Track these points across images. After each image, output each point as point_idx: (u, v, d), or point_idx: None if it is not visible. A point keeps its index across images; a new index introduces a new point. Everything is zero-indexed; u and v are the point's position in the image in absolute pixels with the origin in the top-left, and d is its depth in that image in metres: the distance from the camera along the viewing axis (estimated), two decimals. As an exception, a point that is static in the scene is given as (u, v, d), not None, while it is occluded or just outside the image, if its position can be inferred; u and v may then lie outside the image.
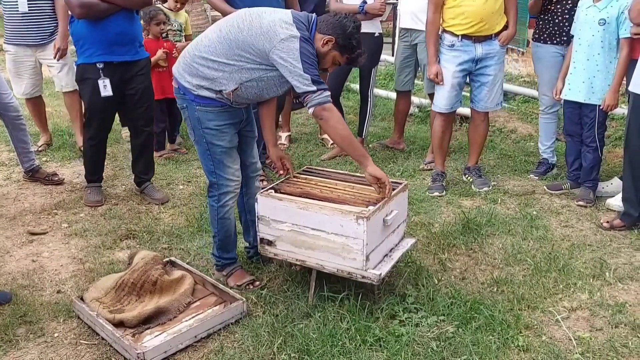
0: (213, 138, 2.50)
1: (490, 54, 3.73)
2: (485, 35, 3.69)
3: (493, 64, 3.76)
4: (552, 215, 3.51)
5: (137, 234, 3.27)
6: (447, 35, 3.76)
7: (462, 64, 3.74)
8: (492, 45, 3.73)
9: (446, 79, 3.79)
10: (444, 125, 3.96)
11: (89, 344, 2.31)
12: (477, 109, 3.94)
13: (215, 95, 2.43)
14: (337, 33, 2.41)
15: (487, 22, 3.66)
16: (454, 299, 2.54)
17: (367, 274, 2.35)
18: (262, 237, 2.58)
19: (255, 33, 2.34)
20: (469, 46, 3.70)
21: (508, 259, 2.96)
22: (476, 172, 4.04)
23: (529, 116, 5.57)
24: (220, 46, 2.38)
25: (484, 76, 3.80)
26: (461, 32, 3.68)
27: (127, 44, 3.42)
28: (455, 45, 3.72)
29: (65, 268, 2.93)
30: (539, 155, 4.32)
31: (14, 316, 2.48)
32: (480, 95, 3.87)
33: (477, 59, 3.74)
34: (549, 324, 2.44)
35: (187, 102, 2.50)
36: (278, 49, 2.30)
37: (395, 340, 2.26)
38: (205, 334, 2.33)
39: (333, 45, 2.42)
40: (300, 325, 2.37)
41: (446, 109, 3.88)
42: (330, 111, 2.37)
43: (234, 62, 2.38)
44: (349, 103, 5.85)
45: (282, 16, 2.38)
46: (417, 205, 3.60)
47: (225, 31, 2.40)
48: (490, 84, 3.81)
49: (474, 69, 3.79)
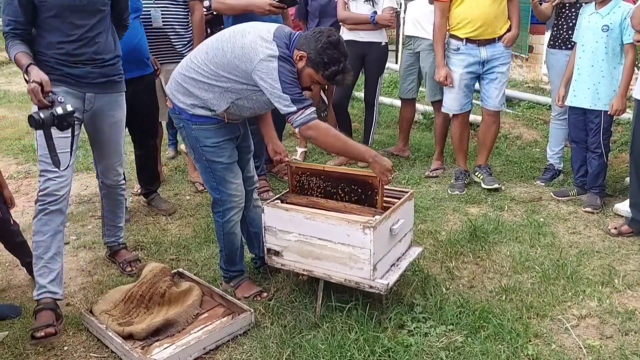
0: (212, 155, 2.49)
1: (496, 55, 3.85)
2: (488, 39, 3.79)
3: (499, 64, 3.88)
4: (560, 222, 3.50)
5: (145, 245, 3.28)
6: (452, 40, 3.89)
7: (468, 66, 3.86)
8: (497, 47, 3.84)
9: (455, 82, 3.91)
10: (460, 126, 4.09)
11: (98, 357, 2.32)
12: (489, 108, 4.02)
13: (211, 113, 2.43)
14: (311, 48, 2.30)
15: (490, 26, 3.77)
16: (462, 308, 2.53)
17: (375, 284, 2.35)
18: (269, 247, 2.58)
19: (237, 54, 2.30)
20: (473, 49, 3.82)
21: (516, 267, 2.95)
22: (486, 170, 4.14)
23: (534, 122, 5.57)
24: (206, 68, 2.37)
25: (492, 74, 3.91)
26: (465, 35, 3.79)
27: (137, 61, 3.40)
28: (460, 49, 3.85)
29: (74, 280, 2.94)
30: (545, 161, 4.32)
31: (24, 329, 2.49)
32: (489, 92, 3.97)
33: (483, 61, 3.86)
34: (559, 332, 2.43)
35: (183, 122, 2.49)
36: (258, 69, 2.26)
37: (404, 350, 2.25)
38: (214, 346, 2.33)
39: (306, 61, 2.32)
40: (309, 336, 2.37)
41: (455, 110, 4.01)
42: (315, 129, 2.32)
43: (222, 84, 2.36)
44: (353, 111, 5.86)
45: (264, 33, 2.32)
46: (424, 213, 3.60)
47: (211, 54, 2.38)
48: (498, 82, 3.92)
49: (482, 71, 3.90)
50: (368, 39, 4.38)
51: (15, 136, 5.54)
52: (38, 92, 2.24)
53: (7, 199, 2.81)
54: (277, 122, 2.84)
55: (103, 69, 2.63)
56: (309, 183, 2.68)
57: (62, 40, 2.50)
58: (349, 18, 4.32)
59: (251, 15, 3.40)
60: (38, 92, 2.24)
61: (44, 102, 2.25)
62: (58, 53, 2.51)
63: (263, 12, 3.43)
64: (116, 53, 2.71)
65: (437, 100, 4.42)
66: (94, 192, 4.05)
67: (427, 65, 4.35)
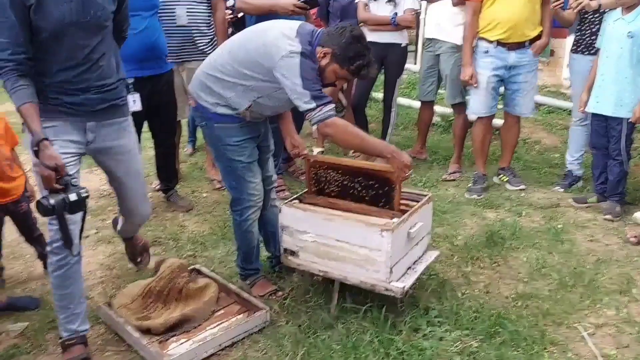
0: (233, 154, 2.51)
1: (522, 63, 3.86)
2: (518, 42, 3.79)
3: (524, 72, 3.89)
4: (578, 229, 3.47)
5: (163, 241, 3.32)
6: (481, 42, 3.89)
7: (496, 69, 3.87)
8: (525, 53, 3.85)
9: (481, 84, 3.91)
10: (484, 129, 4.09)
11: (116, 351, 2.35)
12: (510, 112, 4.06)
13: (233, 112, 2.45)
14: (334, 44, 2.32)
15: (520, 29, 3.77)
16: (478, 313, 2.52)
17: (391, 287, 2.35)
18: (285, 247, 2.60)
19: (260, 52, 2.31)
20: (502, 53, 3.83)
21: (533, 273, 2.93)
22: (511, 172, 4.17)
23: (554, 127, 5.52)
24: (229, 67, 2.39)
25: (515, 84, 3.93)
26: (496, 38, 3.79)
27: (156, 59, 3.44)
28: (489, 51, 3.86)
29: (93, 274, 2.98)
30: (564, 167, 4.28)
31: (43, 321, 2.54)
32: (513, 101, 4.00)
33: (509, 66, 3.86)
34: (575, 340, 2.41)
35: (206, 120, 2.51)
36: (279, 66, 2.26)
37: (418, 354, 2.25)
38: (229, 343, 2.35)
39: (331, 57, 2.33)
40: (323, 336, 2.38)
41: (481, 113, 4.00)
42: (333, 126, 2.30)
43: (244, 82, 2.37)
44: (371, 112, 5.85)
45: (286, 30, 2.33)
46: (440, 217, 3.59)
47: (234, 53, 2.40)
48: (522, 91, 3.94)
49: (507, 76, 3.91)
50: (388, 40, 4.37)
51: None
52: (52, 179, 1.94)
53: (29, 191, 2.86)
54: (296, 118, 2.85)
55: (104, 94, 2.24)
56: (327, 177, 2.65)
57: (62, 67, 2.10)
58: (370, 19, 4.32)
59: (275, 15, 3.41)
60: (52, 179, 1.94)
61: (56, 188, 1.96)
62: (56, 81, 2.11)
63: (287, 12, 3.44)
64: (119, 76, 2.32)
65: (456, 103, 4.40)
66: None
67: (448, 67, 4.33)
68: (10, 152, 2.75)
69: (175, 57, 3.81)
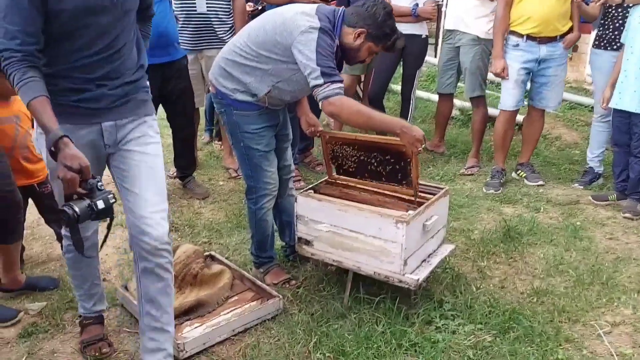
0: (251, 142, 2.52)
1: (553, 56, 3.82)
2: (549, 37, 3.75)
3: (554, 65, 3.85)
4: (597, 226, 3.42)
5: (179, 227, 3.35)
6: (511, 36, 3.86)
7: (525, 62, 3.83)
8: (556, 47, 3.81)
9: (510, 77, 3.88)
10: (506, 124, 4.05)
11: (131, 332, 2.39)
12: (536, 106, 4.03)
13: (252, 98, 2.45)
14: (368, 24, 2.34)
15: (551, 24, 3.73)
16: (492, 308, 2.51)
17: (405, 279, 2.34)
18: (300, 236, 2.60)
19: (278, 30, 2.32)
20: (533, 47, 3.79)
21: (549, 270, 2.90)
22: (529, 168, 4.13)
23: (575, 123, 5.44)
24: (248, 50, 2.39)
25: (544, 77, 3.90)
26: (526, 32, 3.75)
27: (168, 45, 3.41)
28: (519, 45, 3.82)
29: (110, 257, 3.02)
30: (584, 164, 4.22)
31: (62, 301, 2.58)
32: (540, 94, 3.97)
33: (540, 60, 3.83)
34: (591, 338, 2.38)
35: (225, 107, 2.52)
36: (297, 41, 2.26)
37: (431, 346, 2.25)
38: (243, 329, 2.37)
39: (366, 36, 2.36)
40: (336, 325, 2.38)
41: (512, 106, 3.98)
42: (336, 104, 2.24)
43: (263, 66, 2.38)
44: (389, 104, 5.83)
45: (305, 9, 2.35)
46: (457, 211, 3.56)
47: (253, 35, 2.40)
48: (550, 84, 3.91)
49: (536, 69, 3.87)
50: (408, 31, 4.32)
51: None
52: (76, 183, 1.65)
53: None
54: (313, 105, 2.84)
55: (123, 88, 1.93)
56: (343, 153, 2.64)
57: (77, 58, 1.80)
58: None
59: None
60: (76, 183, 1.65)
61: (80, 193, 1.68)
62: (68, 75, 1.82)
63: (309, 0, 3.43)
64: (140, 62, 2.02)
65: (476, 96, 4.35)
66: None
67: (468, 60, 4.28)
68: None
69: (193, 44, 3.82)
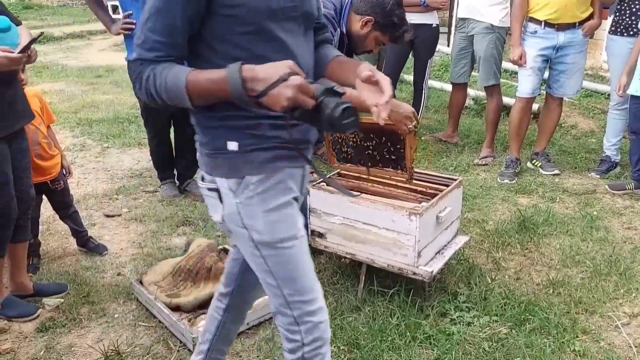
0: None
1: (572, 43, 3.76)
2: (568, 23, 3.69)
3: (573, 53, 3.79)
4: (614, 216, 3.37)
5: (193, 221, 3.37)
6: (530, 24, 3.81)
7: (542, 49, 3.79)
8: (575, 34, 3.75)
9: (527, 63, 3.83)
10: (522, 112, 4.01)
11: (147, 326, 2.41)
12: (553, 94, 3.97)
13: None
14: (376, 12, 2.31)
15: (570, 10, 3.66)
16: (507, 300, 2.48)
17: (419, 271, 2.33)
18: (312, 229, 2.60)
19: None
20: (551, 34, 3.74)
21: (566, 261, 2.86)
22: (545, 157, 4.08)
23: (591, 111, 5.35)
24: None
25: (562, 64, 3.84)
26: (544, 18, 3.70)
27: None
28: (537, 32, 3.77)
29: (125, 251, 3.05)
30: (600, 153, 4.16)
31: (78, 296, 2.61)
32: (558, 82, 3.92)
33: (558, 47, 3.78)
34: (608, 329, 2.35)
35: None
36: None
37: (445, 338, 2.24)
38: (257, 322, 2.38)
39: (373, 25, 2.32)
40: (350, 318, 2.38)
41: (528, 93, 3.93)
42: None
43: None
44: (401, 95, 5.78)
45: None
46: (471, 202, 3.53)
47: None
48: (568, 72, 3.85)
49: (553, 56, 3.82)
50: (418, 20, 4.28)
51: (72, 110, 5.74)
52: (304, 85, 1.21)
53: (65, 168, 2.92)
54: None
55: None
56: (344, 137, 2.57)
57: None
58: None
59: None
60: (304, 85, 1.21)
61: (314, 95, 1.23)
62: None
63: None
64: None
65: (490, 86, 4.30)
66: (145, 167, 4.17)
67: (482, 48, 4.23)
68: (47, 130, 2.80)
69: None
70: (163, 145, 3.72)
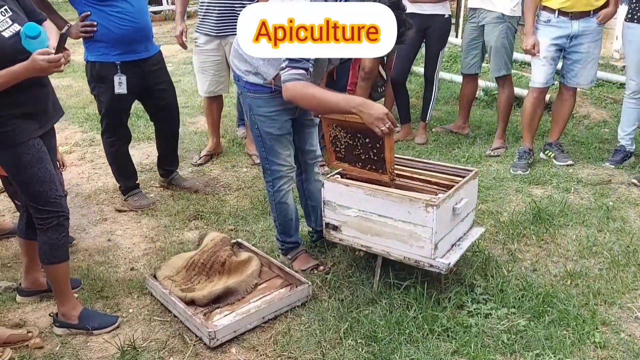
0: (263, 125, 2.50)
1: (587, 32, 3.70)
2: (582, 12, 3.63)
3: (587, 42, 3.73)
4: (631, 206, 3.33)
5: (205, 215, 3.35)
6: (543, 12, 3.76)
7: (556, 39, 3.73)
8: (590, 22, 3.69)
9: (541, 53, 3.78)
10: (535, 102, 3.95)
11: (162, 321, 2.40)
12: (567, 84, 3.91)
13: (263, 81, 2.43)
14: None
15: None
16: (524, 291, 2.46)
17: (436, 263, 2.31)
18: (327, 222, 2.57)
19: None
20: (565, 22, 3.68)
21: (582, 251, 2.83)
22: (558, 147, 4.03)
23: (603, 101, 5.29)
24: None
25: (576, 53, 3.78)
26: (558, 6, 3.64)
27: (147, 40, 3.28)
28: (551, 21, 3.72)
29: (138, 246, 3.04)
30: (614, 143, 4.10)
31: (92, 291, 2.61)
32: (571, 72, 3.85)
33: (572, 36, 3.72)
34: (628, 320, 2.32)
35: (241, 89, 2.54)
36: None
37: (463, 331, 2.22)
38: (273, 316, 2.36)
39: None
40: (366, 311, 2.36)
41: (542, 83, 3.87)
42: (289, 89, 2.17)
43: None
44: (412, 87, 5.73)
45: None
46: (484, 193, 3.50)
47: None
48: (582, 61, 3.79)
49: (567, 46, 3.76)
50: (431, 11, 4.23)
51: (80, 105, 5.74)
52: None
53: (59, 161, 2.77)
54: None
55: None
56: (338, 136, 2.51)
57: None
58: None
59: None
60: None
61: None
62: None
63: None
64: None
65: (501, 76, 4.25)
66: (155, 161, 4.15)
67: (493, 39, 4.17)
68: None
69: (217, 30, 3.79)
70: (124, 149, 3.51)
